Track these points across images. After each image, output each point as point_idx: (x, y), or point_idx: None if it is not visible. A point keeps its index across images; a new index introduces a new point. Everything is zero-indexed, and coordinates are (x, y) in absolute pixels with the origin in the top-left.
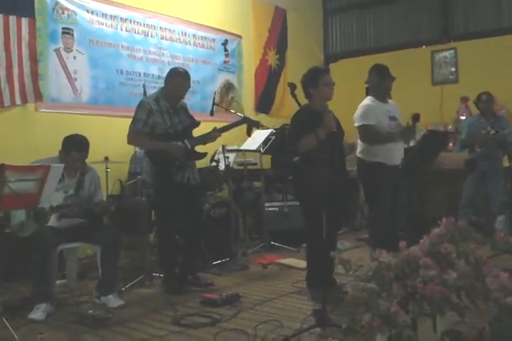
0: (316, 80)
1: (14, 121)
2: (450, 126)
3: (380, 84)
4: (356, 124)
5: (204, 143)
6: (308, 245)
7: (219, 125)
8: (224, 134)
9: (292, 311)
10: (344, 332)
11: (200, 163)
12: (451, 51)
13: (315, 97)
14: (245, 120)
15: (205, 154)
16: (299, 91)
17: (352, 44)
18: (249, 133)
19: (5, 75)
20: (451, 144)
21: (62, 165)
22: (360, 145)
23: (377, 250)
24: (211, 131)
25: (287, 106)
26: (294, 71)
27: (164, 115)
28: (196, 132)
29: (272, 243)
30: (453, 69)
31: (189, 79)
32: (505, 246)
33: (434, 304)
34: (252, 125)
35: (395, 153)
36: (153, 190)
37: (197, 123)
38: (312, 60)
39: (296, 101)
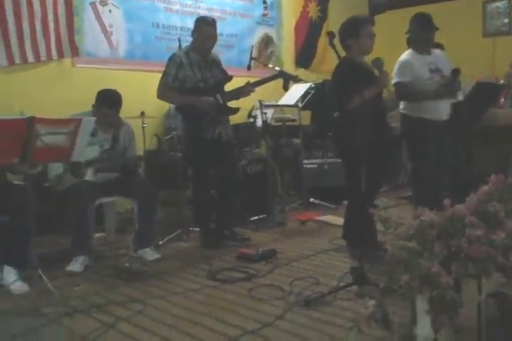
0: (356, 31)
1: (51, 76)
2: (502, 81)
3: (420, 34)
4: (392, 81)
5: (237, 98)
6: (348, 202)
7: (257, 80)
8: (261, 89)
9: (329, 268)
10: (382, 292)
11: (237, 119)
12: (504, 1)
13: (354, 49)
14: (280, 74)
15: (237, 109)
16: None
17: None
18: (285, 88)
19: (41, 29)
20: (502, 99)
21: (94, 118)
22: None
23: (419, 208)
24: (244, 86)
25: (328, 61)
26: (336, 23)
27: (195, 68)
28: (231, 87)
29: (311, 200)
30: (506, 20)
31: (215, 25)
32: None
33: (479, 264)
34: (288, 79)
35: (440, 108)
36: (184, 145)
37: (229, 78)
38: (356, 11)
39: (335, 51)
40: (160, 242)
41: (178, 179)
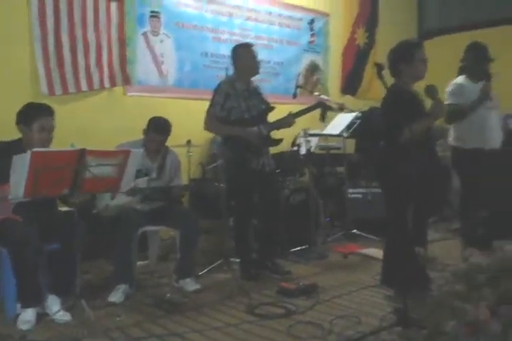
0: (410, 55)
1: (103, 104)
2: None
3: (476, 65)
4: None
5: (278, 129)
6: (390, 241)
7: (302, 107)
8: (305, 117)
9: (371, 306)
10: (426, 338)
11: (282, 147)
12: None
13: (406, 75)
14: (318, 105)
15: (280, 141)
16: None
17: (449, 19)
18: (323, 118)
19: (95, 60)
20: None
21: (142, 150)
22: (452, 131)
23: (468, 248)
24: (286, 116)
25: (375, 88)
26: (384, 50)
27: (240, 98)
28: (275, 115)
29: (354, 231)
30: None
31: (252, 47)
32: None
33: None
34: (326, 109)
35: (492, 135)
36: (228, 175)
37: (271, 108)
38: (405, 36)
39: (384, 82)
40: (200, 273)
41: (221, 208)
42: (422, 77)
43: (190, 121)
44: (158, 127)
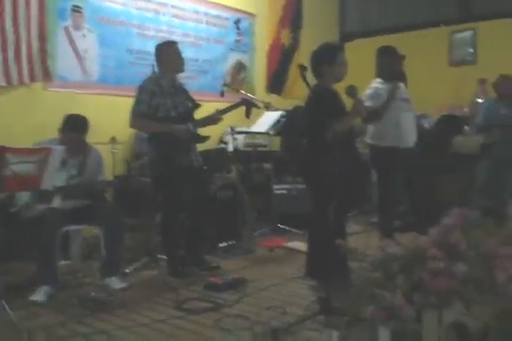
0: (332, 58)
1: (22, 100)
2: (466, 109)
3: (388, 67)
4: None
5: (205, 125)
6: (312, 234)
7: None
8: (232, 116)
9: (297, 297)
10: (346, 324)
11: (208, 144)
12: (470, 31)
13: (328, 76)
14: (242, 102)
15: (208, 138)
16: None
17: (369, 23)
18: (247, 115)
19: (13, 54)
20: (466, 127)
21: (63, 147)
22: (370, 130)
23: (384, 238)
24: (213, 113)
25: (300, 88)
26: (307, 51)
27: (166, 96)
28: (203, 113)
29: (280, 226)
30: (471, 50)
31: (176, 44)
32: None
33: (440, 297)
34: (250, 107)
35: (407, 135)
36: (155, 172)
37: (198, 105)
38: (327, 38)
39: (306, 83)
40: (127, 270)
41: (147, 205)
42: (343, 78)
43: (114, 118)
44: (74, 125)
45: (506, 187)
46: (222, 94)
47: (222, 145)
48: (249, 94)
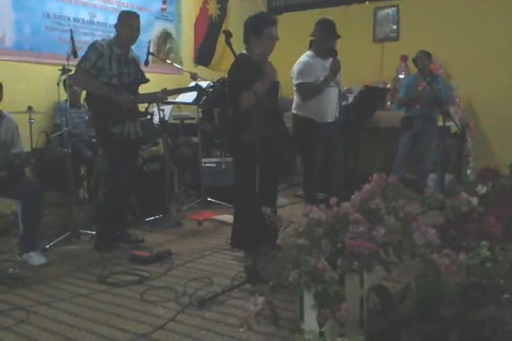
0: (260, 29)
1: None
2: (389, 85)
3: (324, 40)
4: (294, 82)
5: (150, 103)
6: (238, 204)
7: (154, 76)
8: (159, 86)
9: (224, 268)
10: (271, 289)
11: None
12: (393, 8)
13: (254, 47)
14: (197, 88)
15: (146, 113)
16: (238, 40)
17: None
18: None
19: None
20: (388, 102)
21: None
22: (294, 100)
23: (308, 206)
24: (160, 92)
25: (228, 59)
26: (235, 23)
27: (113, 62)
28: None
29: (209, 199)
30: (394, 26)
31: (138, 17)
32: (434, 202)
33: (361, 260)
34: (203, 93)
35: (327, 111)
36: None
37: (146, 80)
38: (255, 11)
39: (232, 50)
40: (47, 246)
41: (68, 178)
42: (269, 52)
43: (31, 87)
44: None
45: (426, 160)
46: (146, 63)
47: (148, 117)
48: (175, 64)
